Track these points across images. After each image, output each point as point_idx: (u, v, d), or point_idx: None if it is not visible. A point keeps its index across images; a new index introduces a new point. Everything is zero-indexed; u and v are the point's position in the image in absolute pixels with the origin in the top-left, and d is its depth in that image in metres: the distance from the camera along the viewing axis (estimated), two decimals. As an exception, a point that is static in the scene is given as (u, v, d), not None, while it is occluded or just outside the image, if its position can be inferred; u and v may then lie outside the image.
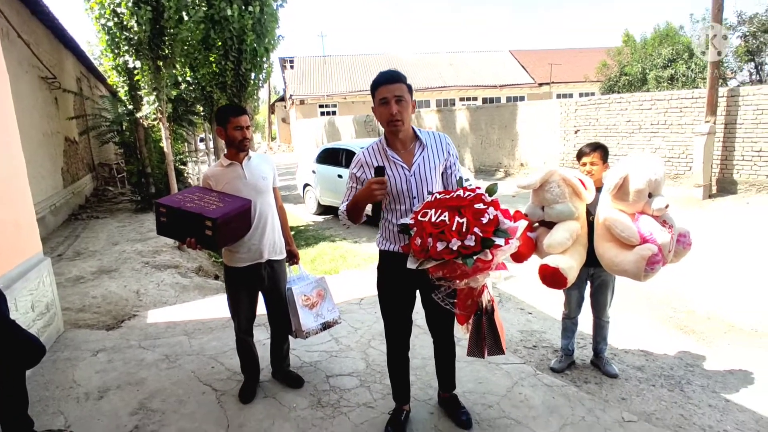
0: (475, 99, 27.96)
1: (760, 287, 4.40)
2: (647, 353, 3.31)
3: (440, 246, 1.70)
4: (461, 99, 27.76)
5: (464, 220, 1.70)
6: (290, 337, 2.83)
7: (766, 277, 4.63)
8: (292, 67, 30.31)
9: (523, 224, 1.80)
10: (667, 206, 2.44)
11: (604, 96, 10.76)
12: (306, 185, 9.53)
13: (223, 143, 2.51)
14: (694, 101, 8.59)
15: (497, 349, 2.06)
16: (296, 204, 10.48)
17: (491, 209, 1.74)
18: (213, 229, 2.15)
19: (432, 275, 1.86)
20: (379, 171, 1.96)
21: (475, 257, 1.68)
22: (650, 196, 2.46)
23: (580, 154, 2.78)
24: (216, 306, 4.24)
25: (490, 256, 1.72)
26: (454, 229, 1.69)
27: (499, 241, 1.69)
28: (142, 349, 3.38)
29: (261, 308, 2.75)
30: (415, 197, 2.08)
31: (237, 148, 2.45)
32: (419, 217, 1.84)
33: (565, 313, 3.03)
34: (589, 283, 2.91)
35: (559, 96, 26.35)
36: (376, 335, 3.50)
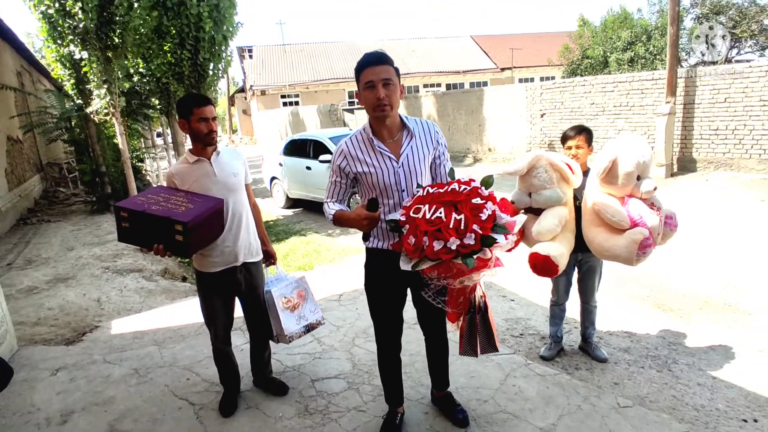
0: (438, 85, 27.95)
1: (727, 262, 4.54)
2: (631, 334, 3.33)
3: (437, 245, 1.58)
4: (425, 86, 27.68)
5: (462, 216, 1.57)
6: (271, 342, 2.66)
7: (731, 251, 4.78)
8: (251, 56, 29.36)
9: (521, 219, 1.70)
10: (655, 188, 2.40)
11: (569, 79, 10.90)
12: (273, 178, 9.23)
13: (187, 138, 2.28)
14: (654, 82, 8.80)
15: (490, 346, 1.99)
16: (264, 198, 10.16)
17: (489, 204, 1.63)
18: (184, 233, 1.95)
19: (425, 275, 1.74)
20: (372, 205, 1.78)
21: (475, 257, 1.57)
22: (638, 178, 2.42)
23: (564, 138, 2.71)
24: (187, 311, 4.00)
25: (489, 254, 1.62)
26: (451, 226, 1.57)
27: (499, 238, 1.58)
28: (108, 364, 3.13)
29: (238, 311, 2.56)
30: (404, 190, 1.94)
31: (203, 143, 2.23)
32: (411, 214, 1.70)
33: (553, 299, 2.98)
34: (576, 268, 2.87)
35: (521, 81, 26.71)
36: (359, 333, 3.37)
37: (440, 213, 1.61)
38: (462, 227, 1.56)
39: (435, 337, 2.25)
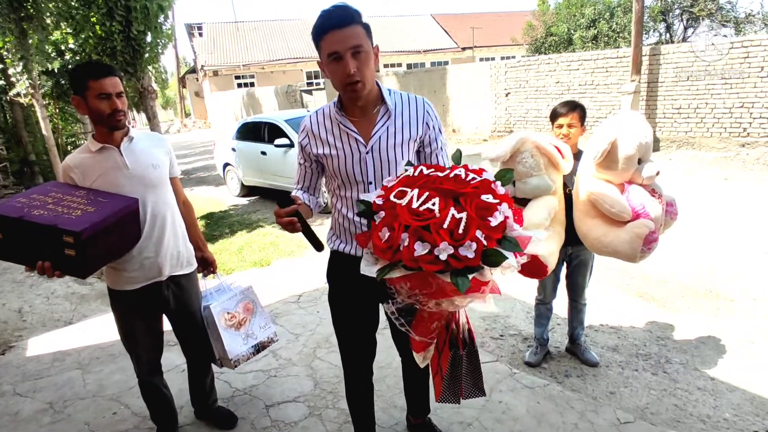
0: (399, 65, 27.36)
1: (700, 244, 4.40)
2: (617, 329, 3.09)
3: (419, 249, 1.08)
4: (385, 65, 27.03)
5: (463, 215, 1.08)
6: (214, 366, 2.21)
7: (702, 233, 4.66)
8: (200, 34, 27.69)
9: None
10: (657, 173, 2.09)
11: (533, 57, 10.67)
12: (226, 165, 8.56)
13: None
14: (619, 60, 8.67)
15: (477, 389, 1.53)
16: (217, 186, 9.47)
17: (504, 206, 1.13)
18: (76, 246, 1.46)
19: (391, 286, 1.24)
20: (285, 200, 1.35)
21: (471, 276, 1.11)
22: (639, 162, 2.09)
23: (554, 115, 2.35)
24: (121, 322, 3.46)
25: (489, 275, 1.15)
26: (445, 226, 1.07)
27: (508, 256, 1.10)
28: (18, 396, 2.59)
29: (168, 325, 2.08)
30: (371, 183, 1.51)
31: (108, 126, 1.71)
32: (392, 197, 1.19)
33: (539, 298, 2.67)
34: (564, 263, 2.56)
35: (482, 60, 26.50)
36: (321, 342, 2.97)
37: (433, 204, 1.12)
38: (461, 230, 1.07)
39: (413, 358, 1.87)
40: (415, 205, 1.13)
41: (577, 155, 2.33)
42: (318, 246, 1.42)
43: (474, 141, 11.69)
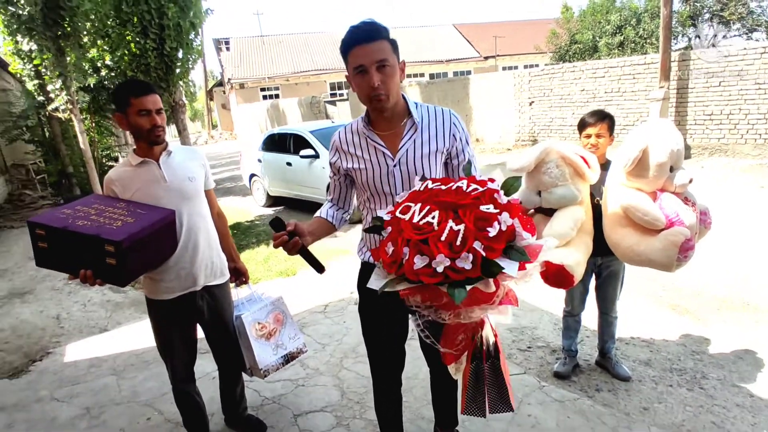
0: (422, 75, 27.47)
1: (736, 255, 4.26)
2: (649, 343, 3.00)
3: (419, 262, 1.11)
4: (408, 75, 27.19)
5: (461, 227, 1.10)
6: (244, 374, 2.25)
7: (739, 243, 4.50)
8: (228, 48, 28.46)
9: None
10: (691, 180, 2.05)
11: (558, 65, 10.57)
12: (252, 175, 8.73)
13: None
14: (647, 67, 8.51)
15: (503, 404, 1.49)
16: (243, 196, 9.66)
17: (505, 215, 1.13)
18: (117, 255, 1.52)
19: (406, 299, 1.25)
20: (277, 224, 1.41)
21: (468, 287, 1.11)
22: (671, 170, 2.06)
23: (582, 125, 2.33)
24: (153, 330, 3.56)
25: (493, 287, 1.16)
26: (443, 239, 1.10)
27: (510, 266, 1.10)
28: (55, 401, 2.68)
29: (201, 333, 2.14)
30: (399, 195, 1.54)
31: (147, 141, 1.79)
32: (398, 213, 1.23)
33: (567, 310, 2.63)
34: (594, 274, 2.51)
35: (504, 69, 26.38)
36: (348, 352, 2.98)
37: (433, 217, 1.15)
38: (458, 242, 1.09)
39: (441, 369, 1.87)
40: (416, 219, 1.17)
41: (605, 165, 2.30)
42: (319, 268, 1.48)
43: (498, 150, 11.62)
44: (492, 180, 1.27)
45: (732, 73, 7.48)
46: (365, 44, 1.39)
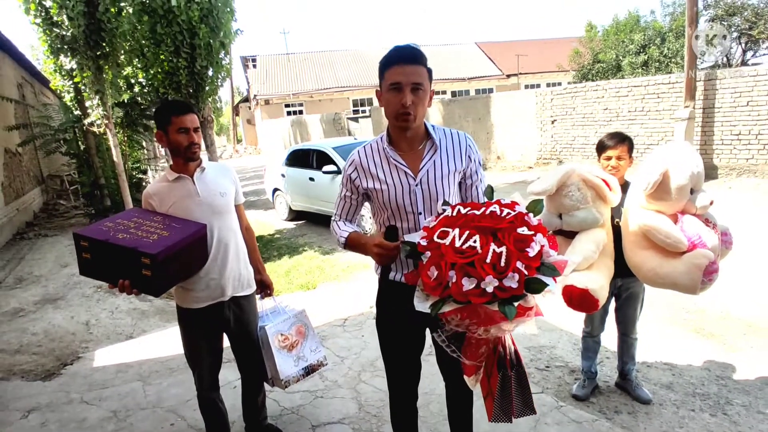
0: (443, 92, 27.70)
1: (762, 278, 4.16)
2: (671, 366, 2.96)
3: (467, 284, 1.20)
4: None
5: (503, 249, 1.20)
6: (265, 384, 2.31)
7: (765, 266, 4.39)
8: (254, 66, 29.29)
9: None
10: (711, 202, 2.06)
11: (580, 84, 10.56)
12: (275, 190, 8.92)
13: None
14: (671, 86, 8.44)
15: (527, 408, 1.57)
16: (266, 210, 9.86)
17: (539, 236, 1.25)
18: (152, 267, 1.62)
19: (444, 318, 1.34)
20: (391, 232, 1.47)
21: (516, 304, 1.20)
22: (691, 192, 2.07)
23: (601, 147, 2.36)
24: (178, 338, 3.65)
25: (532, 302, 1.25)
26: (488, 261, 1.19)
27: (549, 281, 1.21)
28: (85, 404, 2.79)
29: (227, 342, 2.22)
30: (420, 213, 1.60)
31: (184, 157, 1.91)
32: (436, 238, 1.32)
33: (587, 330, 2.62)
34: (614, 296, 2.51)
35: (527, 87, 26.39)
36: (366, 366, 3.02)
37: (474, 242, 1.24)
38: (502, 263, 1.19)
39: (458, 383, 1.90)
40: (458, 243, 1.25)
41: (624, 187, 2.32)
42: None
43: (519, 168, 11.59)
44: (516, 203, 1.36)
45: (761, 93, 7.36)
46: (405, 65, 1.49)
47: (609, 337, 2.74)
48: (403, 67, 1.48)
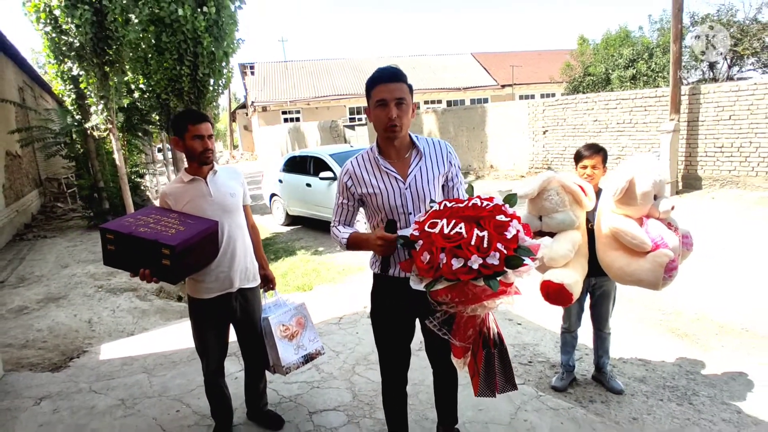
0: (439, 102, 28.06)
1: (739, 283, 4.38)
2: (646, 362, 3.17)
3: (456, 263, 1.42)
4: (425, 102, 27.80)
5: (485, 233, 1.43)
6: (267, 372, 2.49)
7: (743, 272, 4.63)
8: (252, 73, 29.54)
9: (546, 242, 1.56)
10: (673, 207, 2.28)
11: (571, 96, 10.86)
12: (273, 195, 9.11)
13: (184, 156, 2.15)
14: (658, 100, 8.74)
15: (509, 384, 1.78)
16: (263, 215, 10.04)
17: (515, 222, 1.48)
18: (171, 258, 1.81)
19: (435, 299, 1.56)
20: (391, 226, 1.70)
21: (499, 278, 1.42)
22: (655, 198, 2.30)
23: (579, 157, 2.59)
24: (180, 334, 3.83)
25: (512, 278, 1.48)
26: (473, 243, 1.42)
27: (525, 259, 1.44)
28: (94, 393, 2.96)
29: (232, 335, 2.40)
30: (410, 213, 1.81)
31: (199, 161, 2.11)
32: (427, 228, 1.54)
33: (564, 326, 2.83)
34: (588, 294, 2.73)
35: (521, 97, 26.80)
36: (360, 360, 3.21)
37: (460, 228, 1.47)
38: (485, 245, 1.42)
39: (443, 369, 2.09)
40: (446, 231, 1.49)
41: (597, 193, 2.54)
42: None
43: (511, 177, 11.85)
44: (493, 198, 1.61)
45: (742, 107, 7.66)
46: (389, 83, 1.71)
47: (587, 335, 2.95)
48: (387, 85, 1.70)
